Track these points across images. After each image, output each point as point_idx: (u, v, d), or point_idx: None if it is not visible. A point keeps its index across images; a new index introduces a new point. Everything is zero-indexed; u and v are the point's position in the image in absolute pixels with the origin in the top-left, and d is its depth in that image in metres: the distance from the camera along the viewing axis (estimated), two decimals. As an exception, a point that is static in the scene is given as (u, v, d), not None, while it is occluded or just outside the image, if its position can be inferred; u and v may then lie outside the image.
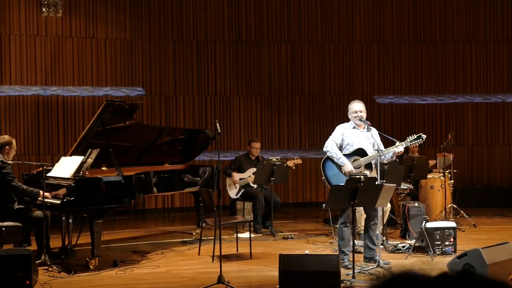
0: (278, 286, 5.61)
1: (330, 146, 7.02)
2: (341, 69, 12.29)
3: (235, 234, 8.02)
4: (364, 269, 6.65)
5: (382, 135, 7.21)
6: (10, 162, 7.11)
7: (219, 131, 6.69)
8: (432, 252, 7.33)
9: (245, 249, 7.69)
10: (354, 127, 7.08)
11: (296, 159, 9.76)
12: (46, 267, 6.81)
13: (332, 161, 7.03)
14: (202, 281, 6.29)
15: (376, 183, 6.34)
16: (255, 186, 9.43)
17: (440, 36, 12.39)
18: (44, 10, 10.82)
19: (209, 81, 11.84)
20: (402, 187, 8.79)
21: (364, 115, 7.05)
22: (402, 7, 12.35)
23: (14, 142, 7.23)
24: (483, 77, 12.39)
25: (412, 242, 7.74)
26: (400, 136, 7.01)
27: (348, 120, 7.16)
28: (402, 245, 7.83)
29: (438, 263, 6.95)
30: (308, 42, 12.19)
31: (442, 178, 9.46)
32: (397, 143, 6.85)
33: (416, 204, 8.50)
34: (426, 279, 1.42)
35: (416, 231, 7.84)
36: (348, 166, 6.89)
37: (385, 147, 6.96)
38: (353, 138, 7.02)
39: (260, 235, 8.99)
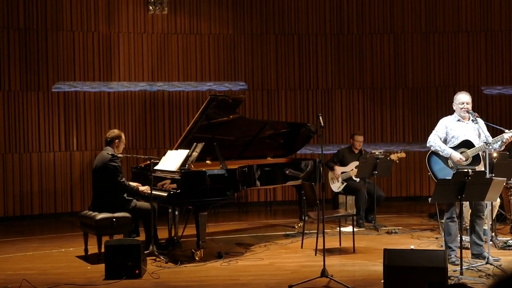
0: (382, 281, 5.54)
1: (433, 140, 6.85)
2: (446, 59, 11.95)
3: (338, 228, 7.98)
4: (473, 265, 6.44)
5: (490, 125, 6.95)
6: (120, 155, 7.40)
7: (322, 124, 6.68)
8: (545, 249, 7.02)
9: (348, 243, 7.64)
10: (458, 120, 6.87)
11: (400, 152, 9.58)
12: (154, 257, 7.03)
13: (438, 155, 6.86)
14: (305, 274, 6.30)
15: (485, 177, 6.12)
16: (357, 179, 9.34)
17: (553, 23, 11.80)
18: (151, 8, 11.16)
19: (310, 74, 11.83)
20: (512, 181, 8.44)
21: (470, 106, 6.82)
22: (511, -6, 11.85)
23: (123, 136, 7.51)
24: None
25: (523, 238, 7.43)
26: (510, 128, 6.72)
27: (452, 112, 6.96)
28: (512, 241, 7.54)
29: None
30: (411, 32, 11.93)
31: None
32: (506, 131, 6.58)
33: (527, 199, 8.15)
34: None
35: (528, 227, 7.53)
36: (455, 155, 6.69)
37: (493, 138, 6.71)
38: (458, 131, 6.82)
39: (363, 229, 8.90)
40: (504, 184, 7.57)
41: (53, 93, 10.72)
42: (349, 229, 8.16)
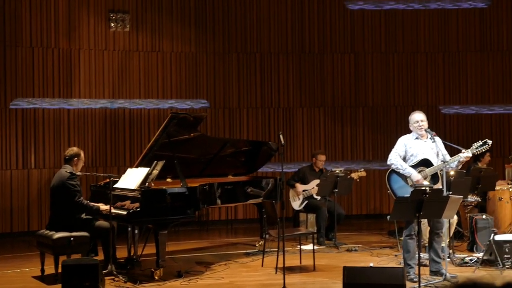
0: (341, 298, 5.56)
1: (394, 158, 6.94)
2: (405, 79, 12.15)
3: (299, 246, 8.00)
4: (431, 282, 6.52)
5: (447, 144, 7.07)
6: (78, 173, 7.31)
7: (282, 142, 6.70)
8: (501, 266, 7.14)
9: (308, 261, 7.65)
10: (416, 138, 6.99)
11: (360, 171, 9.68)
12: (113, 277, 6.95)
13: (397, 173, 6.95)
14: (265, 292, 6.29)
15: (443, 194, 6.21)
16: (318, 197, 9.39)
17: (507, 44, 12.10)
18: (112, 25, 11.12)
19: (272, 93, 11.89)
20: (469, 199, 8.59)
21: (425, 124, 6.94)
22: (468, 15, 12.14)
23: (82, 154, 7.43)
24: (554, 86, 12.03)
25: (480, 255, 7.54)
26: (467, 147, 6.85)
27: (410, 131, 7.07)
28: (469, 258, 7.65)
29: (507, 277, 6.75)
30: (372, 52, 12.11)
31: (511, 189, 9.19)
32: (463, 150, 6.71)
33: (484, 217, 8.30)
34: None
35: (484, 244, 7.65)
36: (415, 175, 6.79)
37: (450, 157, 6.83)
38: (416, 149, 6.92)
39: (324, 247, 8.94)
40: (461, 202, 7.71)
41: (11, 110, 10.56)
42: (309, 247, 8.18)
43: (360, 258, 8.14)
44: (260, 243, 8.79)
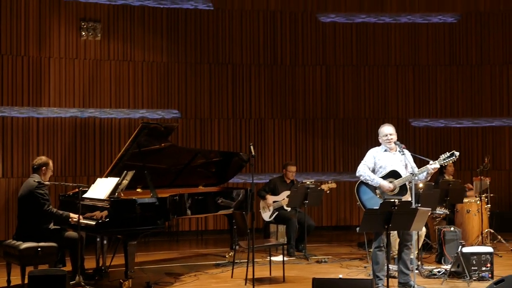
0: (310, 310, 5.57)
1: (363, 170, 6.99)
2: (376, 92, 12.26)
3: (269, 257, 8.00)
4: (399, 294, 6.56)
5: (416, 156, 7.15)
6: (47, 183, 7.23)
7: (253, 153, 6.72)
8: (469, 278, 7.22)
9: (278, 272, 7.65)
10: (385, 150, 7.05)
11: (331, 182, 9.73)
12: (81, 288, 6.87)
13: (367, 185, 7.00)
14: (234, 304, 6.27)
15: (411, 207, 6.27)
16: (289, 209, 9.41)
17: (476, 59, 12.30)
18: (84, 34, 11.05)
19: (244, 104, 11.91)
20: (437, 211, 8.68)
21: (394, 137, 7.02)
22: (437, 30, 12.31)
23: (51, 163, 7.35)
24: (520, 100, 12.25)
25: (448, 267, 7.62)
26: (435, 159, 6.93)
27: (380, 143, 7.13)
28: (437, 270, 7.72)
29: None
30: (343, 65, 12.20)
31: (478, 202, 9.33)
32: (431, 162, 6.79)
33: (452, 229, 8.40)
34: None
35: (452, 256, 7.74)
36: (384, 184, 6.85)
37: (419, 169, 6.90)
38: (385, 161, 6.99)
39: (294, 258, 8.95)
40: (430, 214, 7.79)
41: (-21, 118, 10.43)
42: (279, 258, 8.18)
43: (330, 269, 8.17)
44: (230, 254, 8.77)
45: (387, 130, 7.04)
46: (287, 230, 9.34)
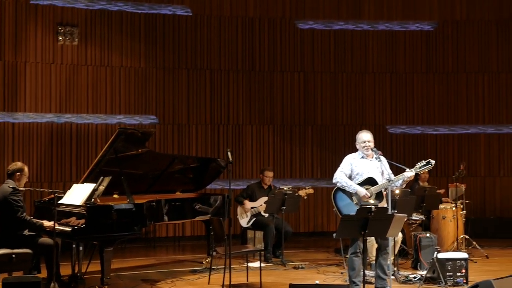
0: (287, 316, 5.57)
1: (339, 177, 7.02)
2: (353, 99, 12.33)
3: (246, 263, 7.99)
4: (375, 300, 6.59)
5: (392, 163, 7.19)
6: (21, 189, 7.16)
7: (230, 159, 6.71)
8: (444, 283, 7.28)
9: (255, 278, 7.64)
10: (362, 157, 7.09)
11: (308, 188, 9.75)
12: (56, 295, 6.80)
13: (343, 191, 7.03)
14: (211, 310, 6.26)
15: (387, 213, 6.31)
16: (266, 215, 9.41)
17: (452, 67, 12.42)
18: (60, 38, 10.97)
19: (222, 109, 11.91)
20: (413, 217, 8.74)
21: (372, 144, 7.06)
22: (415, 38, 12.41)
23: (26, 169, 7.27)
24: (495, 108, 12.37)
25: (424, 273, 7.68)
26: (412, 166, 6.98)
27: (357, 150, 7.17)
28: (413, 275, 7.77)
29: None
30: (321, 72, 12.26)
31: (454, 208, 9.41)
32: (407, 170, 6.84)
33: (427, 235, 8.45)
34: None
35: (428, 261, 7.79)
36: (361, 191, 6.88)
37: (395, 176, 6.95)
38: (362, 168, 7.02)
39: (271, 264, 8.95)
40: (406, 220, 7.84)
41: (-47, 123, 10.30)
42: (256, 264, 8.18)
43: (307, 275, 8.18)
44: (207, 260, 8.75)
45: (365, 137, 7.08)
46: (264, 236, 9.34)
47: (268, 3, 12.11)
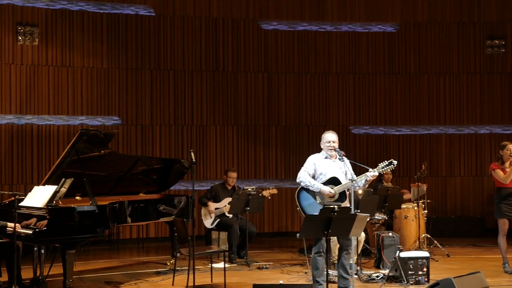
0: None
1: (303, 176, 7.06)
2: (317, 99, 12.40)
3: (210, 264, 7.98)
4: (338, 299, 6.63)
5: (355, 163, 7.26)
6: (-19, 191, 7.04)
7: (194, 160, 6.69)
8: (406, 282, 7.36)
9: (219, 279, 7.64)
10: (326, 157, 7.14)
11: (272, 189, 9.78)
12: (17, 298, 6.69)
13: (307, 191, 7.06)
14: (175, 312, 6.23)
15: (350, 213, 6.36)
16: (230, 215, 9.41)
17: (414, 68, 12.58)
18: (20, 38, 10.80)
19: (185, 110, 11.86)
20: (376, 217, 8.83)
21: (336, 145, 7.11)
22: (377, 39, 12.54)
23: (-14, 171, 7.15)
24: (456, 109, 12.57)
25: (386, 271, 7.76)
26: (375, 166, 7.05)
27: (321, 150, 7.21)
28: (376, 274, 7.85)
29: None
30: (284, 72, 12.30)
31: (416, 208, 9.53)
32: (370, 170, 6.91)
33: (390, 234, 8.55)
34: None
35: (390, 260, 7.87)
36: (325, 189, 6.92)
37: (357, 176, 7.01)
38: (325, 168, 7.07)
39: (235, 265, 8.95)
40: (368, 219, 7.91)
41: None
42: (221, 265, 8.18)
43: (271, 275, 8.20)
44: (171, 261, 8.71)
45: (331, 137, 7.13)
46: (228, 237, 9.33)
47: (232, 4, 12.12)
